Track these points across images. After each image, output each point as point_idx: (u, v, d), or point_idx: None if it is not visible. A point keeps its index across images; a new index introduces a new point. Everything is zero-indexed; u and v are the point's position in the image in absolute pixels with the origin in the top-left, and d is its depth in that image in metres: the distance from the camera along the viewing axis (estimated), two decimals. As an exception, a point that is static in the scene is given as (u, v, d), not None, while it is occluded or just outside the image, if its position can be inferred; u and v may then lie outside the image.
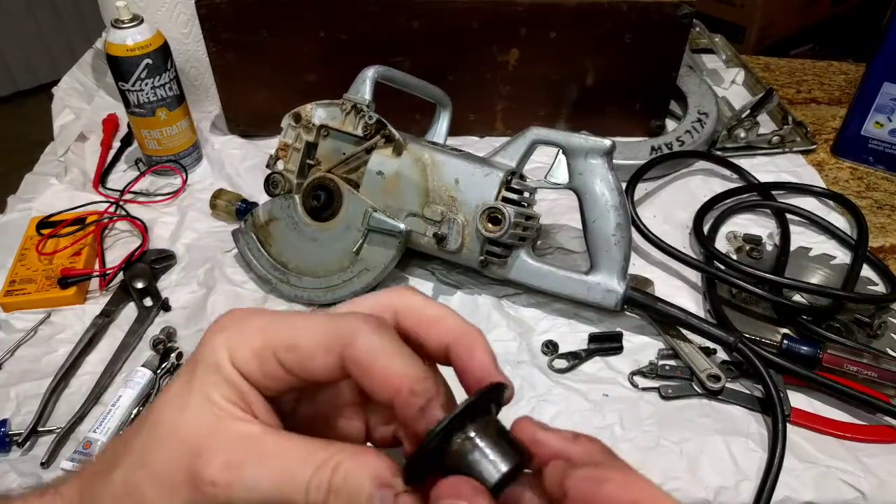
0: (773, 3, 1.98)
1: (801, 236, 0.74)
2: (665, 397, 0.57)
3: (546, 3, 0.78)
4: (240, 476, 0.23)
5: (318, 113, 0.65)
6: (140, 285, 0.66)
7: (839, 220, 0.76)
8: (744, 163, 0.83)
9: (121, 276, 0.67)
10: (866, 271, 0.69)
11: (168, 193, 0.79)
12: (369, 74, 0.64)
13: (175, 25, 0.83)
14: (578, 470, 0.24)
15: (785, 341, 0.58)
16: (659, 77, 0.84)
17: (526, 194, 0.63)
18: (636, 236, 0.68)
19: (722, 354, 0.61)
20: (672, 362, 0.59)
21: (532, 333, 0.63)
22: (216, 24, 0.78)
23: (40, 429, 0.54)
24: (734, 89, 1.01)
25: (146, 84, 0.75)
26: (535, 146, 0.64)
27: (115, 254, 0.71)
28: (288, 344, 0.25)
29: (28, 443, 0.53)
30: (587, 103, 0.85)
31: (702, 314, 0.65)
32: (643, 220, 0.70)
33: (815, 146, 0.89)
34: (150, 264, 0.68)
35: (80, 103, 0.93)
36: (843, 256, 0.71)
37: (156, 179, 0.82)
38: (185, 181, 0.80)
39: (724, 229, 0.75)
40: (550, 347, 0.61)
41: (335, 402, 0.30)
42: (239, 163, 0.84)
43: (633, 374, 0.59)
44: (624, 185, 0.68)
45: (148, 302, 0.65)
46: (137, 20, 0.73)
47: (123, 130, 0.89)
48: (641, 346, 0.62)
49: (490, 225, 0.59)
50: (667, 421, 0.55)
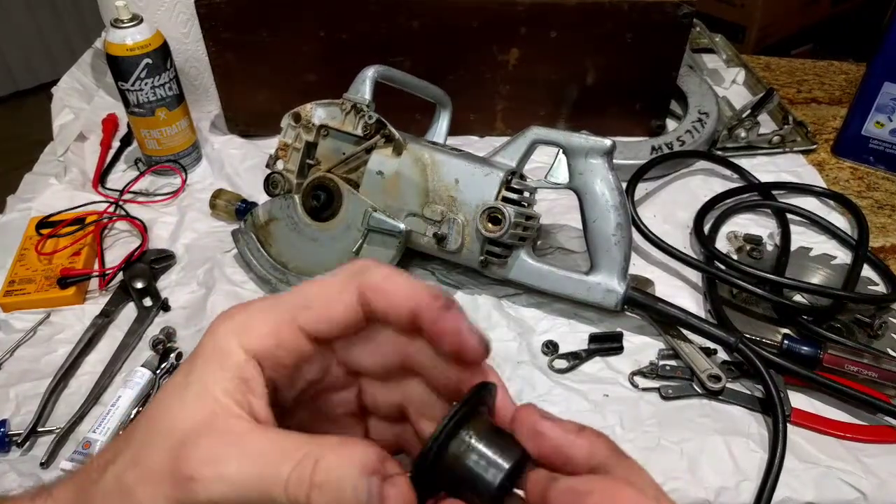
0: (773, 2, 1.98)
1: (801, 236, 0.74)
2: (665, 397, 0.57)
3: (546, 2, 0.77)
4: (219, 471, 0.22)
5: (317, 113, 0.65)
6: (139, 285, 0.66)
7: (840, 220, 0.76)
8: (744, 163, 0.83)
9: (120, 276, 0.67)
10: (867, 271, 0.69)
11: (168, 193, 0.79)
12: (369, 74, 0.64)
13: (175, 25, 0.83)
14: (561, 481, 0.23)
15: (785, 341, 0.58)
16: (659, 77, 0.84)
17: (526, 194, 0.63)
18: (636, 236, 0.68)
19: (722, 355, 0.61)
20: (672, 362, 0.59)
21: (532, 333, 0.63)
22: (216, 24, 0.78)
23: (40, 429, 0.54)
24: (735, 89, 1.00)
25: (146, 84, 0.74)
26: (536, 146, 0.64)
27: (115, 254, 0.71)
28: (304, 304, 0.26)
29: (27, 443, 0.53)
30: (587, 103, 0.85)
31: (702, 314, 0.65)
32: (643, 220, 0.70)
33: (815, 146, 0.89)
34: (150, 264, 0.68)
35: (80, 103, 0.93)
36: (843, 256, 0.71)
37: (155, 179, 0.82)
38: (184, 181, 0.80)
39: (725, 229, 0.75)
40: (551, 347, 0.61)
41: (334, 409, 0.29)
42: (238, 163, 0.84)
43: (634, 374, 0.59)
44: (624, 185, 0.68)
45: (147, 302, 0.65)
46: (137, 20, 0.73)
47: (123, 130, 0.89)
48: (642, 347, 0.62)
49: (490, 225, 0.59)
50: (667, 421, 0.55)
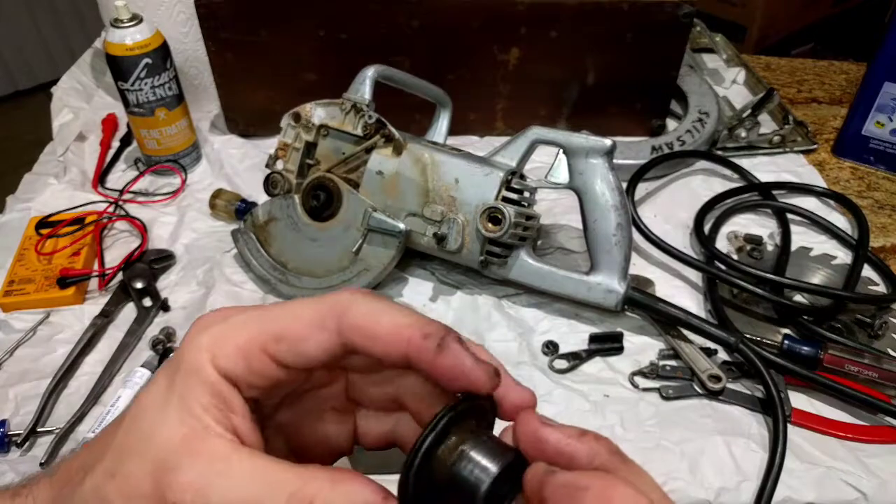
0: (773, 2, 1.98)
1: (801, 236, 0.74)
2: (666, 398, 0.57)
3: (547, 2, 0.77)
4: (203, 502, 0.21)
5: (317, 112, 0.65)
6: (139, 285, 0.66)
7: (840, 220, 0.76)
8: (744, 162, 0.83)
9: (120, 276, 0.67)
10: (867, 271, 0.69)
11: (167, 193, 0.79)
12: (369, 74, 0.64)
13: (174, 25, 0.83)
14: (558, 475, 0.22)
15: (786, 342, 0.58)
16: (660, 76, 0.84)
17: (526, 194, 0.63)
18: (637, 236, 0.68)
19: (723, 355, 0.61)
20: (673, 363, 0.59)
21: (532, 334, 0.63)
22: (215, 24, 0.78)
23: (39, 429, 0.54)
24: (735, 89, 1.00)
25: (145, 83, 0.74)
26: (536, 146, 0.64)
27: (115, 254, 0.71)
28: (276, 334, 0.24)
29: (27, 443, 0.53)
30: (588, 103, 0.85)
31: (702, 314, 0.65)
32: (644, 220, 0.70)
33: (815, 146, 0.89)
34: (150, 264, 0.68)
35: (80, 103, 0.93)
36: (843, 256, 0.71)
37: (155, 179, 0.82)
38: (184, 181, 0.80)
39: (725, 229, 0.75)
40: (551, 348, 0.61)
41: (320, 405, 0.29)
42: (238, 162, 0.84)
43: (634, 374, 0.59)
44: (625, 185, 0.68)
45: (147, 302, 0.65)
46: (137, 20, 0.73)
47: (123, 130, 0.89)
48: (642, 347, 0.62)
49: (490, 225, 0.59)
50: (667, 421, 0.55)
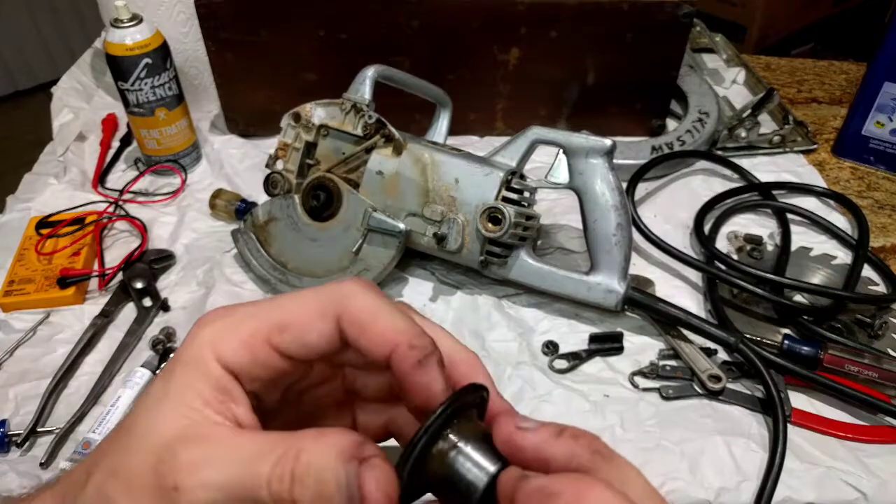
0: (773, 2, 1.98)
1: (801, 236, 0.74)
2: (666, 398, 0.57)
3: (547, 2, 0.77)
4: (201, 478, 0.22)
5: (317, 112, 0.65)
6: (139, 285, 0.66)
7: (840, 220, 0.76)
8: (744, 162, 0.83)
9: (120, 276, 0.67)
10: (867, 271, 0.69)
11: (167, 193, 0.79)
12: (369, 74, 0.64)
13: (174, 25, 0.83)
14: (530, 481, 0.22)
15: (786, 342, 0.58)
16: (659, 76, 0.84)
17: (526, 194, 0.63)
18: (637, 236, 0.68)
19: (723, 355, 0.61)
20: (673, 363, 0.59)
21: (532, 334, 0.63)
22: (215, 24, 0.78)
23: (39, 429, 0.54)
24: (735, 89, 1.00)
25: (145, 83, 0.74)
26: (536, 146, 0.64)
27: (115, 254, 0.71)
28: (280, 324, 0.24)
29: (27, 443, 0.53)
30: (588, 103, 0.85)
31: (702, 314, 0.65)
32: (644, 220, 0.70)
33: (815, 146, 0.89)
34: (150, 264, 0.68)
35: (80, 103, 0.93)
36: (843, 256, 0.71)
37: (155, 179, 0.82)
38: (184, 181, 0.80)
39: (725, 229, 0.75)
40: (551, 348, 0.61)
41: (319, 402, 0.29)
42: (238, 162, 0.84)
43: (634, 374, 0.59)
44: (625, 185, 0.68)
45: (147, 302, 0.65)
46: (137, 20, 0.73)
47: (123, 130, 0.89)
48: (642, 347, 0.62)
49: (490, 225, 0.59)
50: (667, 421, 0.55)
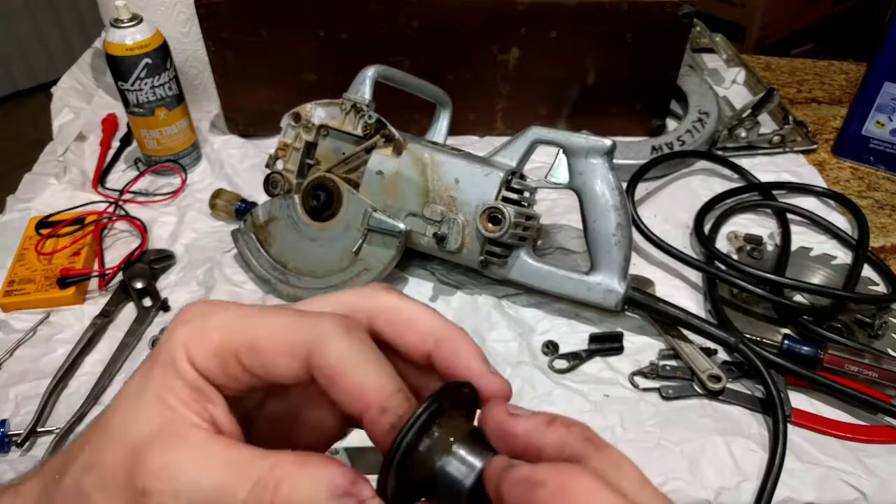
0: (773, 2, 1.98)
1: (801, 236, 0.74)
2: (666, 398, 0.57)
3: (547, 2, 0.77)
4: (174, 487, 0.21)
5: (317, 112, 0.65)
6: (139, 285, 0.66)
7: (840, 220, 0.76)
8: (744, 162, 0.83)
9: (120, 276, 0.67)
10: (867, 271, 0.69)
11: (167, 193, 0.79)
12: (369, 74, 0.64)
13: (174, 25, 0.83)
14: (515, 470, 0.21)
15: (786, 342, 0.58)
16: (659, 76, 0.84)
17: (526, 194, 0.63)
18: (637, 236, 0.68)
19: (723, 355, 0.61)
20: (673, 363, 0.59)
21: (532, 334, 0.63)
22: (215, 24, 0.78)
23: (39, 429, 0.54)
24: (735, 89, 1.00)
25: (145, 84, 0.74)
26: (536, 146, 0.64)
27: (115, 254, 0.71)
28: (249, 345, 0.23)
29: (27, 443, 0.53)
30: (588, 103, 0.85)
31: (702, 314, 0.65)
32: (644, 220, 0.70)
33: (815, 146, 0.89)
34: (150, 264, 0.68)
35: (80, 103, 0.93)
36: (843, 256, 0.71)
37: (155, 179, 0.82)
38: (184, 181, 0.80)
39: (725, 229, 0.75)
40: (551, 348, 0.61)
41: (308, 393, 0.28)
42: (238, 162, 0.84)
43: (634, 374, 0.59)
44: (624, 185, 0.68)
45: (147, 302, 0.65)
46: (137, 20, 0.73)
47: (123, 130, 0.89)
48: (642, 347, 0.62)
49: (490, 225, 0.59)
50: (667, 421, 0.55)
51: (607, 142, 0.61)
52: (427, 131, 0.76)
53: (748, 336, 0.59)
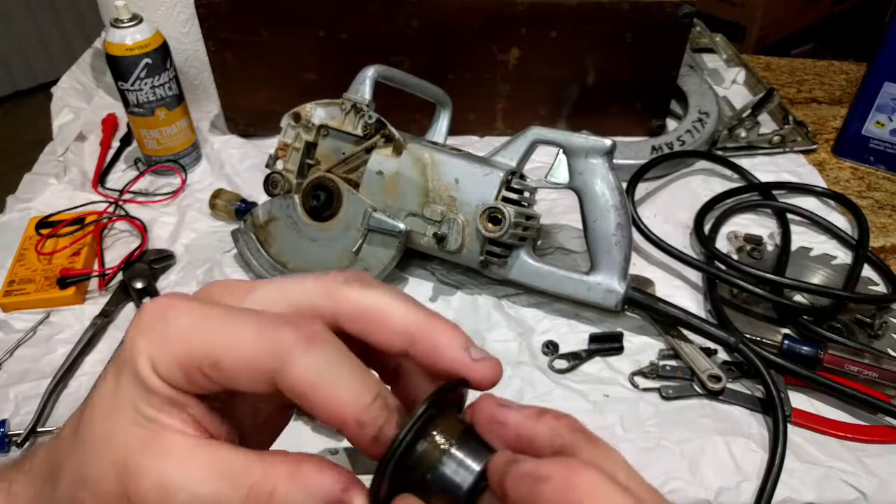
0: (773, 2, 1.98)
1: (801, 236, 0.74)
2: (666, 398, 0.57)
3: (547, 2, 0.77)
4: (170, 502, 0.21)
5: (317, 112, 0.65)
6: (139, 285, 0.66)
7: (840, 220, 0.76)
8: (744, 162, 0.83)
9: (120, 276, 0.67)
10: (867, 271, 0.69)
11: (167, 193, 0.79)
12: (369, 74, 0.64)
13: (174, 25, 0.83)
14: (518, 465, 0.21)
15: (786, 342, 0.58)
16: (659, 76, 0.84)
17: (526, 194, 0.63)
18: (637, 236, 0.68)
19: (723, 355, 0.61)
20: (673, 363, 0.59)
21: (532, 334, 0.63)
22: (215, 24, 0.78)
23: (39, 429, 0.54)
24: (735, 89, 1.00)
25: (145, 83, 0.74)
26: (536, 146, 0.64)
27: (115, 254, 0.71)
28: (212, 360, 0.22)
29: (27, 443, 0.53)
30: (588, 103, 0.85)
31: (702, 314, 0.65)
32: (644, 220, 0.70)
33: (815, 146, 0.89)
34: (150, 264, 0.68)
35: (80, 103, 0.93)
36: (843, 256, 0.71)
37: (155, 179, 0.82)
38: (184, 181, 0.80)
39: (725, 229, 0.75)
40: (551, 348, 0.61)
41: None
42: (238, 162, 0.84)
43: (634, 374, 0.59)
44: (624, 185, 0.68)
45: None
46: (137, 20, 0.73)
47: (123, 130, 0.89)
48: (642, 347, 0.62)
49: (490, 225, 0.59)
50: (667, 421, 0.55)
51: (607, 142, 0.61)
52: (427, 131, 0.76)
53: (748, 336, 0.59)
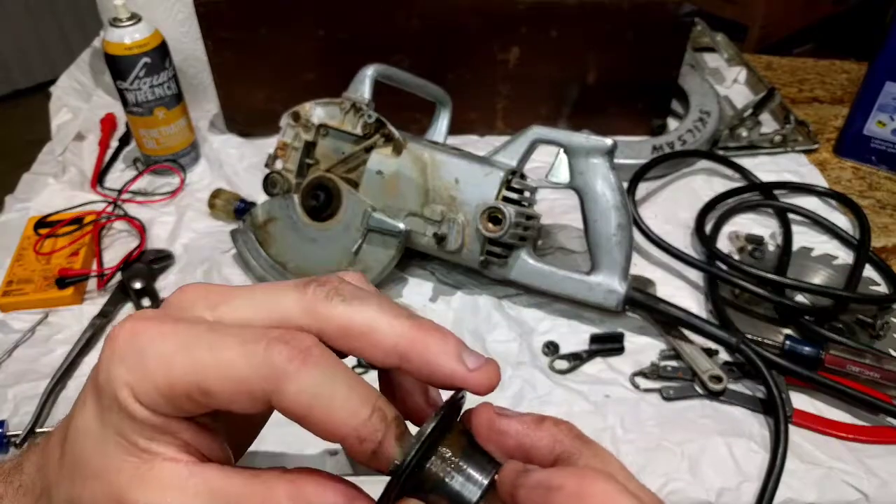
0: (775, 1, 1.98)
1: (803, 236, 0.74)
2: (667, 398, 0.57)
3: (547, 1, 0.77)
4: None
5: (317, 112, 0.64)
6: (138, 285, 0.66)
7: (841, 220, 0.76)
8: (746, 162, 0.83)
9: (119, 276, 0.67)
10: (869, 271, 0.69)
11: (166, 193, 0.79)
12: (369, 73, 0.63)
13: (173, 24, 0.83)
14: (530, 475, 0.21)
15: (787, 342, 0.58)
16: (660, 76, 0.84)
17: (526, 194, 0.63)
18: (638, 236, 0.68)
19: (724, 355, 0.60)
20: (674, 363, 0.59)
21: (533, 334, 0.63)
22: (214, 23, 0.78)
23: (38, 430, 0.54)
24: (736, 88, 1.00)
25: (144, 83, 0.74)
26: (536, 145, 0.63)
27: (113, 254, 0.71)
28: (202, 387, 0.21)
29: (26, 444, 0.53)
30: (588, 102, 0.85)
31: (703, 315, 0.64)
32: (645, 220, 0.70)
33: (817, 145, 0.89)
34: (149, 264, 0.68)
35: (78, 102, 0.93)
36: (845, 256, 0.71)
37: (154, 179, 0.81)
38: (183, 181, 0.80)
39: (726, 229, 0.75)
40: (551, 348, 0.61)
41: None
42: (237, 162, 0.84)
43: (635, 374, 0.59)
44: (625, 185, 0.68)
45: (146, 302, 0.65)
46: (135, 19, 0.73)
47: (121, 130, 0.89)
48: (643, 347, 0.61)
49: (490, 225, 0.59)
50: (668, 422, 0.55)
51: (608, 141, 0.61)
52: (427, 131, 0.76)
53: (749, 336, 0.59)
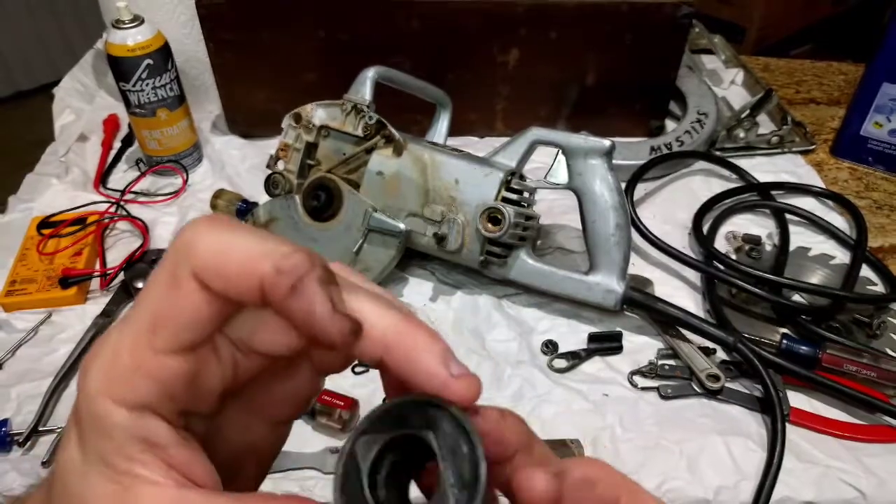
0: (772, 3, 1.98)
1: (800, 236, 0.74)
2: (665, 397, 0.57)
3: (546, 3, 0.78)
4: None
5: (318, 113, 0.65)
6: (141, 285, 0.66)
7: (838, 220, 0.76)
8: (743, 163, 0.83)
9: (121, 276, 0.67)
10: (865, 271, 0.69)
11: (169, 193, 0.80)
12: (369, 75, 0.64)
13: (175, 26, 0.83)
14: (567, 475, 0.21)
15: (784, 341, 0.58)
16: (658, 77, 0.84)
17: (526, 194, 0.63)
18: (636, 236, 0.68)
19: (721, 354, 0.61)
20: (672, 362, 0.60)
21: (532, 333, 0.63)
22: (216, 25, 0.78)
23: (41, 428, 0.54)
24: (733, 89, 1.01)
25: (147, 84, 0.75)
26: (535, 146, 0.64)
27: (116, 254, 0.71)
28: (149, 325, 0.21)
29: (29, 442, 0.53)
30: (587, 103, 0.86)
31: (701, 314, 0.65)
32: (643, 221, 0.70)
33: (814, 146, 0.89)
34: (151, 264, 0.68)
35: (81, 104, 0.93)
36: (842, 256, 0.71)
37: (156, 179, 0.82)
38: (185, 181, 0.80)
39: (724, 229, 0.75)
40: (550, 347, 0.61)
41: (269, 374, 0.26)
42: (239, 163, 0.84)
43: (633, 373, 0.59)
44: (623, 186, 0.68)
45: (148, 302, 0.65)
46: (138, 20, 0.73)
47: (124, 131, 0.89)
48: (641, 346, 0.62)
49: (490, 225, 0.59)
50: (666, 421, 0.55)
51: (606, 142, 0.61)
52: (427, 132, 0.76)
53: (747, 336, 0.59)
